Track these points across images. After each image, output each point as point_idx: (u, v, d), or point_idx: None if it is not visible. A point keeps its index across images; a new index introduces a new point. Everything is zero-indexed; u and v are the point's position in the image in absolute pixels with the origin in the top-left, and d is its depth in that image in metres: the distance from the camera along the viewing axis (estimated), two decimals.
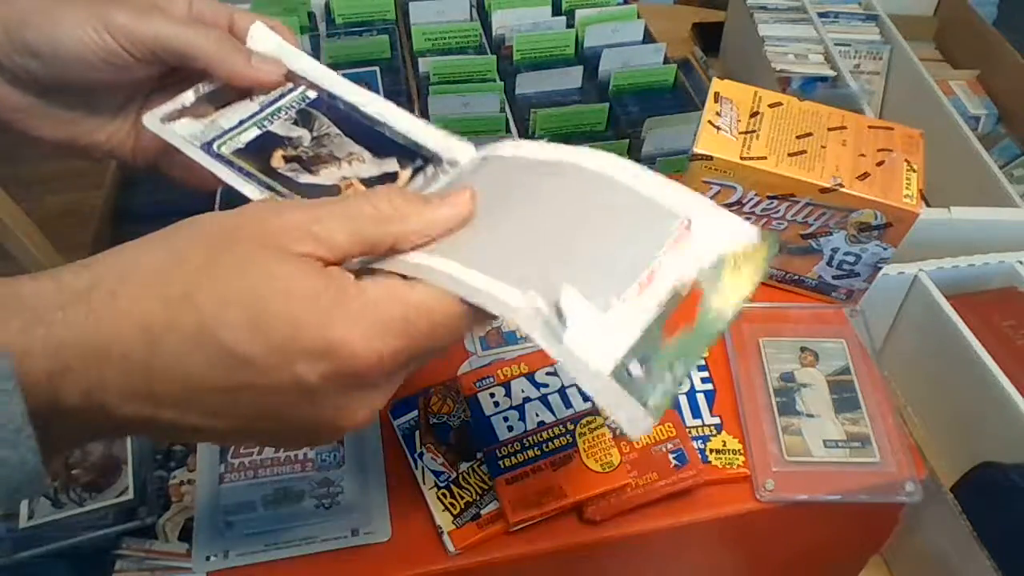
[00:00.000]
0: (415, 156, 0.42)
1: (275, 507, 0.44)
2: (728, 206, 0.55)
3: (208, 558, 0.45)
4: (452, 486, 0.47)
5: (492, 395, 0.50)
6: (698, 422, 0.51)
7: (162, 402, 0.29)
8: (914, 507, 0.49)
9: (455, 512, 0.46)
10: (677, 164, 0.79)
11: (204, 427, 0.30)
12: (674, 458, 0.48)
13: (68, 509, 0.63)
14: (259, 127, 0.42)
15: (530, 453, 0.47)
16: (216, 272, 0.29)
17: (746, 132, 0.55)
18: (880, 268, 0.56)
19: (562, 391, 0.50)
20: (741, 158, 0.53)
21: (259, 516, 0.44)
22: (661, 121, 0.81)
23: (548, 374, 0.50)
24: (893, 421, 0.52)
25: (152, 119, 0.42)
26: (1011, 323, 0.68)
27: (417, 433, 0.49)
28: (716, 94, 0.57)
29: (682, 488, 0.47)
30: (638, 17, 0.97)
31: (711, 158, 0.53)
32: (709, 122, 0.55)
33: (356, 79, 0.44)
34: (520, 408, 0.49)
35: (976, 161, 0.87)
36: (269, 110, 0.43)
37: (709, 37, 1.19)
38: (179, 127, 0.42)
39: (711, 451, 0.50)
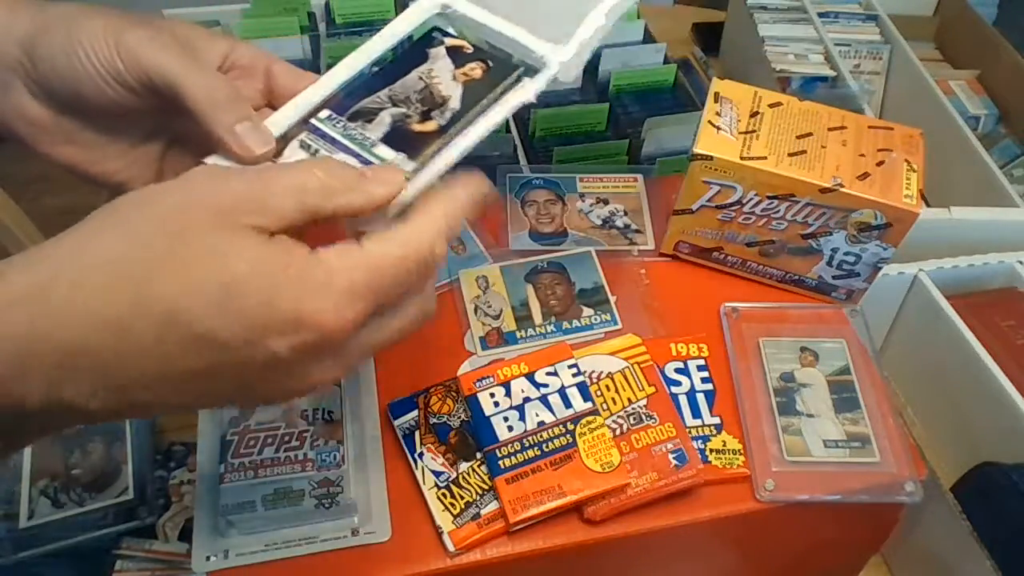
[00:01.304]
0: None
1: (275, 507, 0.44)
2: (728, 206, 0.55)
3: (208, 558, 0.44)
4: (452, 486, 0.47)
5: (492, 395, 0.50)
6: (698, 422, 0.51)
7: (133, 390, 0.29)
8: (914, 507, 0.49)
9: (455, 512, 0.46)
10: (677, 164, 0.79)
11: (175, 403, 0.31)
12: (674, 458, 0.48)
13: (68, 509, 0.63)
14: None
15: (530, 453, 0.47)
16: (178, 259, 0.29)
17: (746, 132, 0.55)
18: (880, 268, 0.56)
19: (562, 391, 0.50)
20: (741, 158, 0.53)
21: (259, 516, 0.44)
22: (661, 121, 0.81)
23: (548, 374, 0.50)
24: (893, 421, 0.52)
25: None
26: (1011, 323, 0.68)
27: (417, 433, 0.49)
28: (716, 94, 0.57)
29: (682, 488, 0.47)
30: (638, 17, 0.97)
31: (711, 158, 0.53)
32: (709, 122, 0.55)
33: None
34: (520, 408, 0.49)
35: (976, 161, 0.87)
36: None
37: (709, 37, 1.19)
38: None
39: (711, 451, 0.50)
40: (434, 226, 0.34)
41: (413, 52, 0.43)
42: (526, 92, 0.41)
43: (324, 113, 0.41)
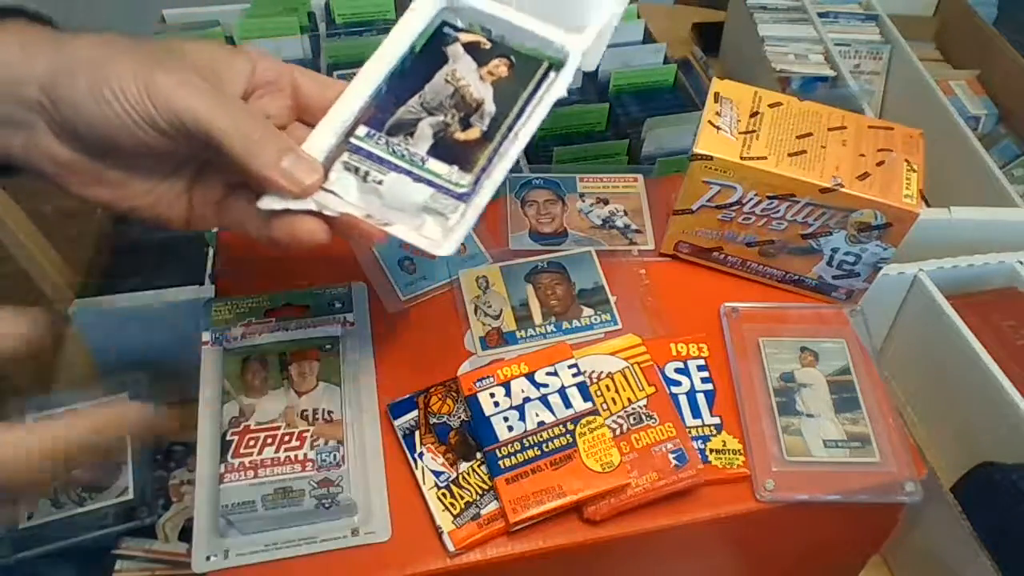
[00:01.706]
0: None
1: (275, 507, 0.44)
2: (728, 206, 0.55)
3: (208, 558, 0.44)
4: (452, 486, 0.47)
5: (492, 395, 0.50)
6: (698, 422, 0.51)
7: None
8: (914, 507, 0.49)
9: (455, 512, 0.46)
10: (677, 164, 0.79)
11: None
12: (674, 458, 0.48)
13: (68, 509, 0.63)
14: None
15: (530, 453, 0.47)
16: None
17: (746, 132, 0.55)
18: (880, 268, 0.56)
19: (562, 391, 0.50)
20: (741, 158, 0.53)
21: (259, 516, 0.44)
22: (661, 121, 0.81)
23: (548, 374, 0.50)
24: (893, 421, 0.52)
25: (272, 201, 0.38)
26: (1011, 323, 0.68)
27: (417, 433, 0.49)
28: (716, 94, 0.57)
29: (682, 488, 0.47)
30: (638, 17, 0.97)
31: (711, 158, 0.53)
32: (709, 122, 0.55)
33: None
34: (520, 408, 0.49)
35: (976, 161, 0.87)
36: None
37: (709, 37, 1.19)
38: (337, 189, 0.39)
39: (711, 451, 0.50)
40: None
41: (430, 52, 0.42)
42: (559, 87, 0.41)
43: (362, 130, 0.40)
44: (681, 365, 0.54)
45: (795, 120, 0.56)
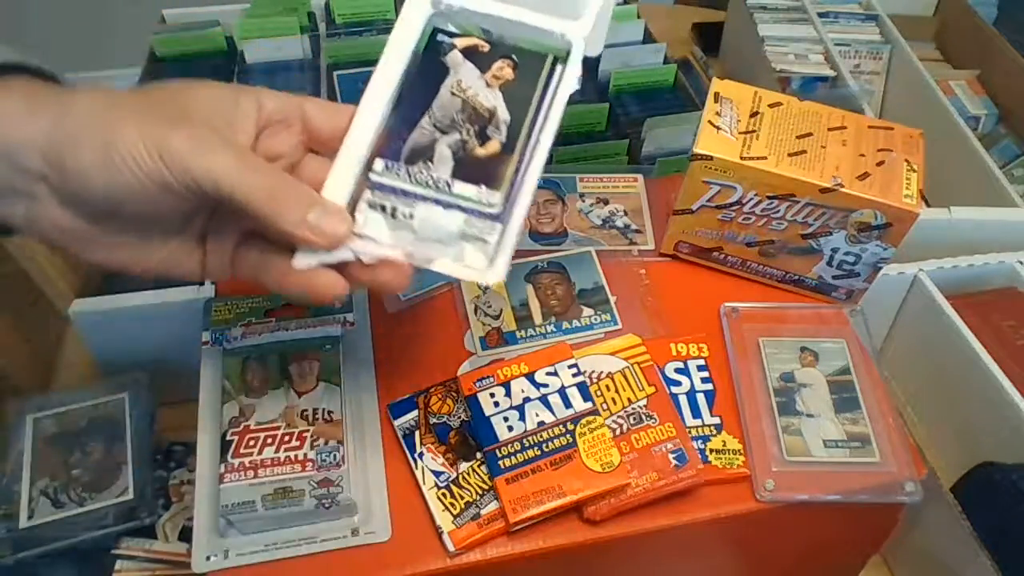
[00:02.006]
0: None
1: (275, 507, 0.44)
2: (728, 206, 0.55)
3: (208, 558, 0.44)
4: (452, 486, 0.47)
5: (492, 395, 0.50)
6: (698, 422, 0.51)
7: None
8: (914, 507, 0.49)
9: (455, 512, 0.46)
10: (677, 164, 0.79)
11: None
12: (674, 458, 0.48)
13: (68, 509, 0.63)
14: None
15: (530, 453, 0.47)
16: None
17: (746, 132, 0.55)
18: (880, 268, 0.56)
19: (562, 391, 0.50)
20: (741, 158, 0.53)
21: (259, 516, 0.44)
22: (661, 121, 0.81)
23: (548, 374, 0.50)
24: (893, 421, 0.52)
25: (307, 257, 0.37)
26: (1011, 323, 0.68)
27: (417, 433, 0.49)
28: (716, 94, 0.57)
29: (682, 488, 0.47)
30: (638, 17, 0.97)
31: (711, 158, 0.53)
32: (709, 122, 0.55)
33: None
34: (520, 408, 0.49)
35: (976, 161, 0.87)
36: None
37: (709, 37, 1.19)
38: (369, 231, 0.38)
39: (711, 451, 0.50)
40: None
41: (429, 65, 0.41)
42: (569, 80, 0.39)
43: (379, 164, 0.38)
44: (681, 365, 0.54)
45: (795, 120, 0.56)
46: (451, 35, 0.41)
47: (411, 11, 0.41)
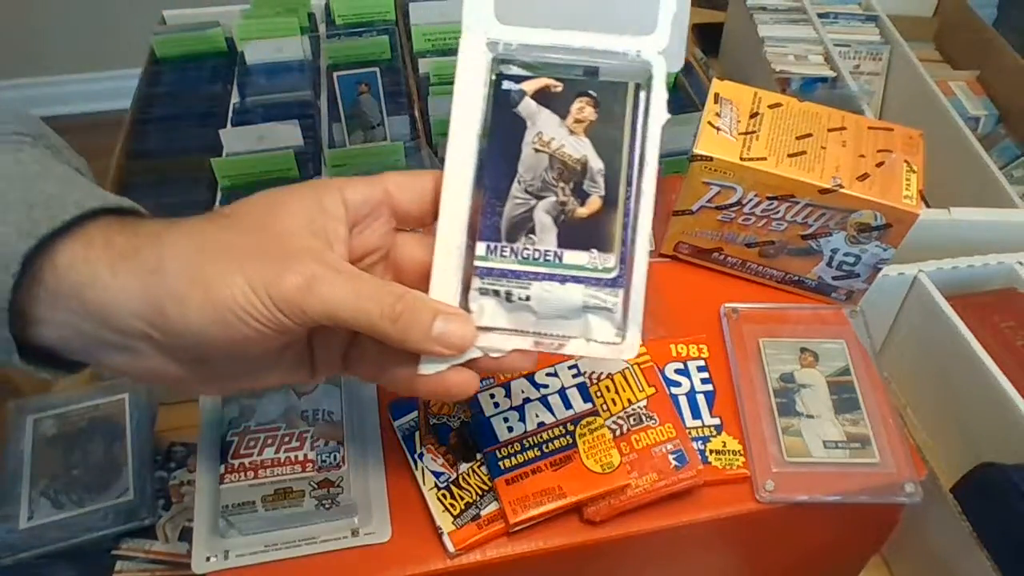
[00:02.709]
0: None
1: (275, 507, 0.44)
2: (728, 207, 0.55)
3: (208, 558, 0.45)
4: (452, 486, 0.47)
5: (492, 395, 0.50)
6: (698, 423, 0.51)
7: None
8: (914, 507, 0.49)
9: (455, 512, 0.46)
10: (677, 164, 0.79)
11: None
12: (674, 459, 0.48)
13: (68, 510, 0.63)
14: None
15: (530, 454, 0.47)
16: None
17: (746, 133, 0.55)
18: (880, 269, 0.56)
19: (562, 391, 0.50)
20: (741, 159, 0.53)
21: (259, 516, 0.44)
22: None
23: (548, 375, 0.50)
24: (893, 422, 0.52)
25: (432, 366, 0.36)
26: (1011, 323, 0.68)
27: (417, 433, 0.49)
28: (716, 95, 0.57)
29: (682, 489, 0.47)
30: None
31: (711, 159, 0.53)
32: (709, 123, 0.55)
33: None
34: (520, 408, 0.49)
35: (976, 161, 0.87)
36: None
37: (709, 37, 1.19)
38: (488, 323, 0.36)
39: (711, 452, 0.50)
40: None
41: (502, 121, 0.37)
42: (657, 108, 0.36)
43: (481, 248, 0.36)
44: (681, 366, 0.54)
45: (795, 121, 0.56)
46: (517, 79, 0.37)
47: (468, 60, 0.37)
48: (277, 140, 0.81)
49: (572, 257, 0.35)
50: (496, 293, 0.36)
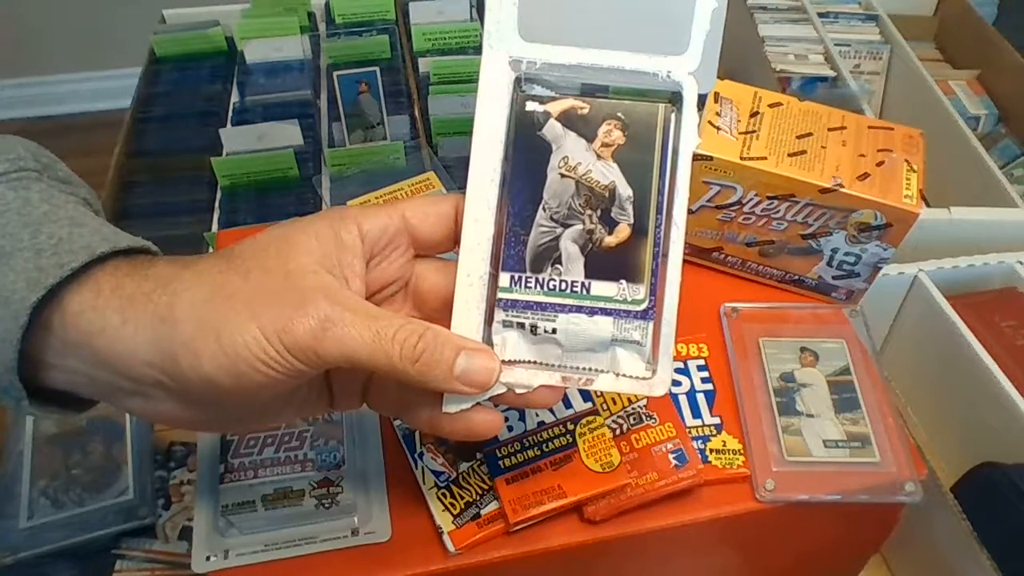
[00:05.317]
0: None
1: (275, 507, 0.44)
2: (728, 206, 0.55)
3: (208, 558, 0.44)
4: (452, 486, 0.47)
5: None
6: (698, 422, 0.51)
7: None
8: (914, 507, 0.49)
9: (455, 512, 0.46)
10: None
11: None
12: (674, 458, 0.48)
13: (68, 509, 0.63)
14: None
15: (530, 453, 0.47)
16: None
17: (746, 132, 0.55)
18: (880, 268, 0.56)
19: None
20: (741, 158, 0.53)
21: (259, 516, 0.44)
22: None
23: None
24: (893, 421, 0.52)
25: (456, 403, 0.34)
26: (1011, 323, 0.68)
27: (417, 433, 0.49)
28: (716, 94, 0.57)
29: (682, 488, 0.47)
30: None
31: (711, 158, 0.53)
32: (709, 122, 0.55)
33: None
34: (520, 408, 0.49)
35: (976, 161, 0.87)
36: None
37: None
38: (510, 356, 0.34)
39: (711, 451, 0.50)
40: None
41: (526, 144, 0.35)
42: (688, 132, 0.34)
43: (504, 279, 0.35)
44: (681, 365, 0.54)
45: (795, 120, 0.56)
46: (542, 99, 0.35)
47: (490, 80, 0.35)
48: (277, 139, 0.82)
49: (600, 288, 0.34)
50: (521, 326, 0.35)
